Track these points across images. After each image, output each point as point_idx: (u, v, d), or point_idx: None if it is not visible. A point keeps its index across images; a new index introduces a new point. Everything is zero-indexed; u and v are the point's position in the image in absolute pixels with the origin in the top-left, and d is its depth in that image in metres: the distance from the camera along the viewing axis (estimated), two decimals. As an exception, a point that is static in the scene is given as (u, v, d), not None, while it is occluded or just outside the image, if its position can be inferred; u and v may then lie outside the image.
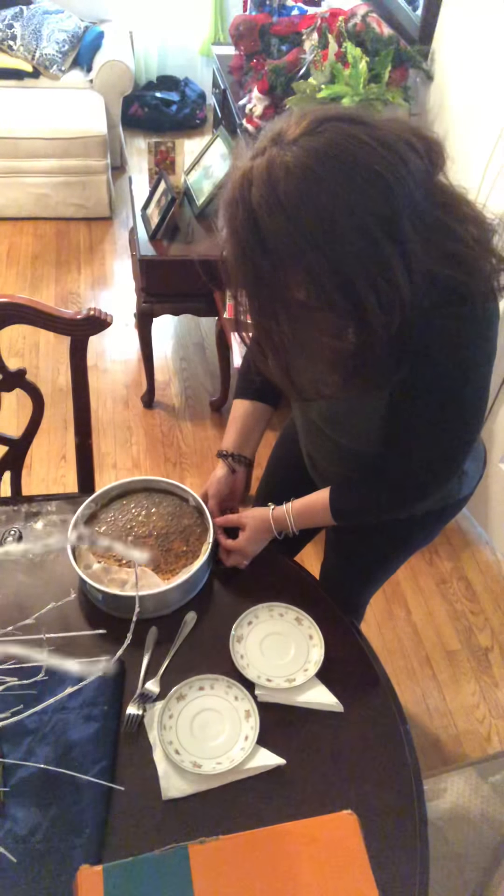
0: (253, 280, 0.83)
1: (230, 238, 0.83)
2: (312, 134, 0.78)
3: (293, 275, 0.80)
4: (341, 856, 0.83)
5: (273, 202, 0.76)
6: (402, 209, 0.79)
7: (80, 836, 0.89)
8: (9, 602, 1.14)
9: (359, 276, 0.79)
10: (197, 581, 1.16)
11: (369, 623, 2.10)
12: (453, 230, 0.86)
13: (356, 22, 2.20)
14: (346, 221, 0.77)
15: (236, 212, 0.80)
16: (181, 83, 4.63)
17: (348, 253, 0.78)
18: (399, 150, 0.79)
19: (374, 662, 1.11)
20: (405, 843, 0.91)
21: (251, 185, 0.78)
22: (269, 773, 0.97)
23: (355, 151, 0.77)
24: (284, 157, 0.77)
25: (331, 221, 0.76)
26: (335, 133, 0.78)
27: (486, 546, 2.37)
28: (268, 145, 0.79)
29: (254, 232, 0.79)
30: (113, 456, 2.54)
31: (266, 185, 0.77)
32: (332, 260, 0.78)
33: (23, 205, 3.66)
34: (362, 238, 0.77)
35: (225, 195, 0.83)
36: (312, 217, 0.76)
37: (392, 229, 0.79)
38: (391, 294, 0.81)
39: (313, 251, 0.77)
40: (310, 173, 0.76)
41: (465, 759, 1.80)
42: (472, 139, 2.00)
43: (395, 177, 0.78)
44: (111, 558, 1.14)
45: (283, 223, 0.77)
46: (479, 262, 0.87)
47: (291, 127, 0.79)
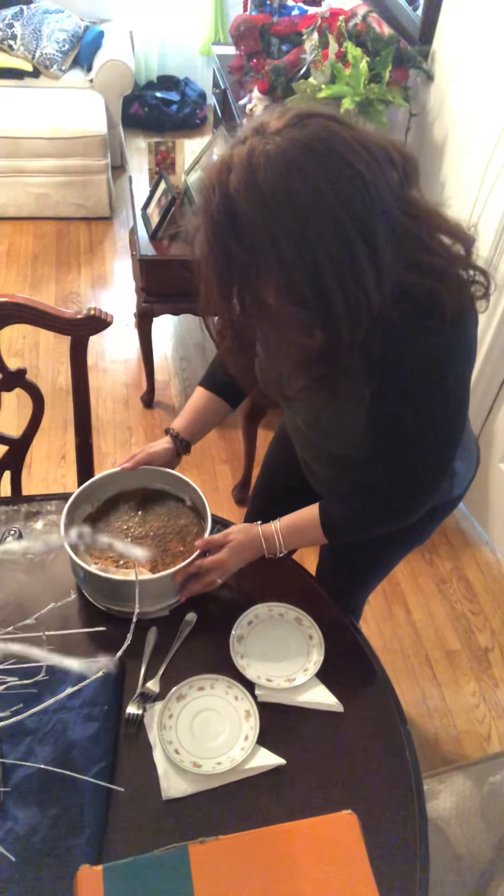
0: (223, 266, 0.82)
1: (204, 222, 0.82)
2: (296, 126, 0.78)
3: (264, 264, 0.79)
4: (341, 856, 0.83)
5: (251, 189, 0.76)
6: (377, 213, 0.79)
7: (80, 836, 0.89)
8: (9, 602, 1.14)
9: (329, 272, 0.79)
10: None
11: (369, 623, 2.10)
12: (423, 241, 0.86)
13: (356, 22, 2.20)
14: (323, 215, 0.76)
15: (212, 196, 0.79)
16: (181, 83, 4.63)
17: (321, 247, 0.77)
18: (378, 156, 0.80)
19: (374, 663, 1.11)
20: (405, 843, 0.91)
21: (230, 171, 0.78)
22: (269, 773, 0.97)
23: (337, 148, 0.77)
24: (266, 146, 0.76)
25: (307, 213, 0.76)
26: (319, 128, 0.78)
27: (486, 546, 2.37)
28: (249, 135, 0.79)
29: (229, 217, 0.78)
30: (113, 456, 2.54)
31: (245, 171, 0.76)
32: (304, 252, 0.77)
33: (23, 205, 3.66)
34: (336, 234, 0.77)
35: (202, 181, 0.82)
36: (290, 207, 0.76)
37: (365, 231, 0.79)
38: (359, 296, 0.81)
39: (287, 241, 0.77)
40: (291, 163, 0.76)
41: (465, 759, 1.80)
42: (472, 139, 2.00)
43: (372, 180, 0.78)
44: (108, 559, 1.14)
45: (259, 210, 0.76)
46: (449, 272, 0.87)
47: (274, 119, 0.79)
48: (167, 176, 2.47)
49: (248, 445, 2.30)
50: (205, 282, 0.87)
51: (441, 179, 2.18)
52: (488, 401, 2.22)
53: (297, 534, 1.13)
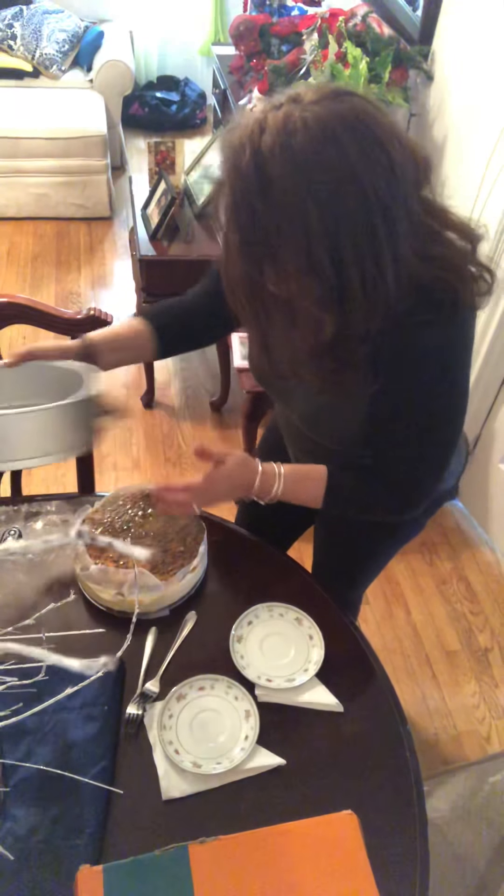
0: (248, 225, 0.81)
1: (231, 179, 0.81)
2: (335, 100, 0.78)
3: (288, 227, 0.79)
4: (341, 856, 0.83)
5: (285, 152, 0.76)
6: (399, 200, 0.80)
7: (80, 836, 0.89)
8: (9, 602, 1.14)
9: (349, 245, 0.79)
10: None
11: (369, 623, 2.10)
12: (439, 235, 0.88)
13: (356, 22, 2.20)
14: (351, 189, 0.77)
15: (242, 154, 0.78)
16: (181, 83, 4.63)
17: (345, 219, 0.78)
18: (406, 150, 0.81)
19: (374, 662, 1.11)
20: (405, 843, 0.91)
21: (263, 132, 0.77)
22: (269, 773, 0.97)
23: (373, 128, 0.78)
24: (304, 114, 0.76)
25: (337, 183, 0.76)
26: (358, 105, 0.79)
27: (486, 546, 2.37)
28: (285, 102, 0.79)
29: (259, 176, 0.78)
30: (113, 456, 2.54)
31: (280, 133, 0.76)
32: (329, 221, 0.77)
33: (23, 205, 3.66)
34: (361, 210, 0.78)
35: (230, 138, 0.81)
36: (322, 174, 0.76)
37: (387, 214, 0.79)
38: (376, 278, 0.81)
39: (315, 207, 0.77)
40: (328, 132, 0.76)
41: (465, 759, 1.80)
42: (472, 139, 2.00)
43: (400, 167, 0.79)
44: (109, 560, 1.14)
45: (292, 173, 0.76)
46: (462, 266, 0.88)
47: (311, 91, 0.79)
48: (167, 176, 2.47)
49: (248, 445, 2.30)
50: (228, 245, 0.86)
51: (441, 179, 2.18)
52: (488, 401, 2.22)
53: (298, 483, 1.08)
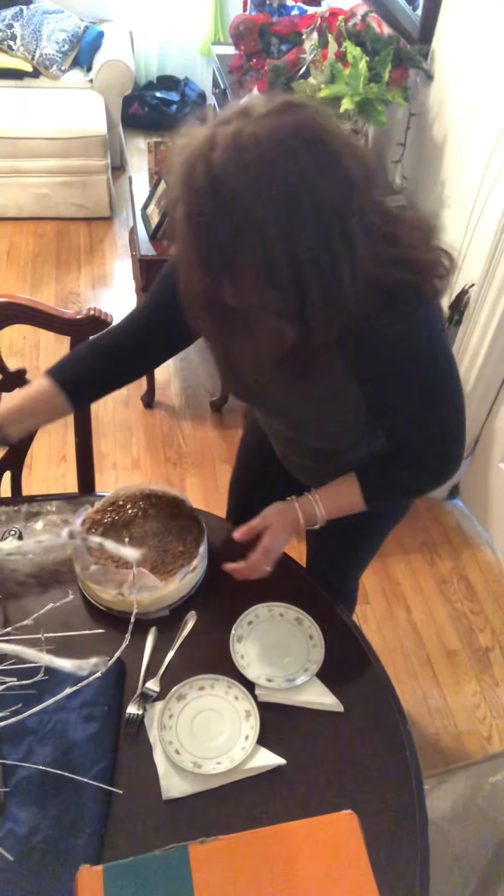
0: (205, 243, 0.81)
1: (185, 198, 0.80)
2: (285, 112, 0.78)
3: (246, 243, 0.78)
4: (341, 856, 0.83)
5: (238, 167, 0.75)
6: (355, 209, 0.80)
7: (80, 836, 0.89)
8: (8, 602, 1.14)
9: (308, 257, 0.79)
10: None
11: (369, 623, 2.10)
12: (394, 236, 0.88)
13: (356, 22, 2.20)
14: (307, 201, 0.77)
15: (195, 171, 0.78)
16: (181, 83, 4.63)
17: (303, 232, 0.78)
18: (356, 154, 0.81)
19: (375, 662, 1.10)
20: (405, 843, 0.91)
21: (215, 148, 0.77)
22: (269, 773, 0.97)
23: (324, 138, 0.78)
24: (255, 128, 0.76)
25: (293, 196, 0.76)
26: (306, 117, 0.78)
27: (487, 545, 2.37)
28: (235, 117, 0.78)
29: (214, 193, 0.77)
30: (113, 456, 2.54)
31: (232, 149, 0.76)
32: (287, 235, 0.77)
33: (23, 205, 3.66)
34: (317, 221, 0.78)
35: (182, 155, 0.80)
36: (277, 189, 0.76)
37: (344, 223, 0.79)
38: (334, 287, 0.82)
39: (272, 221, 0.77)
40: (280, 144, 0.76)
41: (465, 759, 1.80)
42: (472, 139, 2.00)
43: (353, 174, 0.80)
44: (109, 559, 1.14)
45: (245, 187, 0.76)
46: (421, 261, 0.90)
47: (261, 104, 0.79)
48: (167, 176, 2.46)
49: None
50: (185, 261, 0.86)
51: (441, 179, 2.18)
52: (488, 401, 2.22)
53: (335, 499, 1.12)
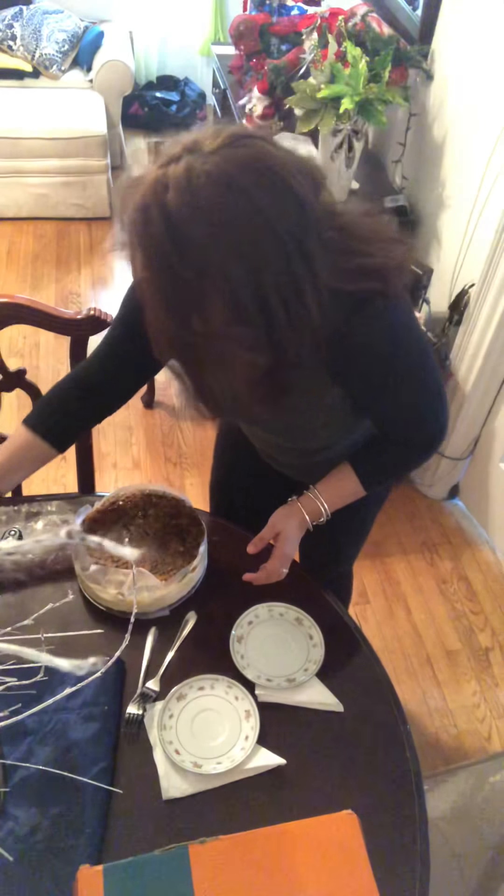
0: (167, 286, 0.81)
1: (143, 243, 0.80)
2: (232, 146, 0.77)
3: (211, 283, 0.78)
4: (341, 856, 0.83)
5: (194, 208, 0.75)
6: (311, 231, 0.81)
7: (80, 836, 0.89)
8: (8, 602, 1.14)
9: (273, 289, 0.79)
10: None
11: (369, 623, 2.10)
12: (354, 248, 0.89)
13: (356, 22, 2.20)
14: (266, 234, 0.77)
15: (150, 216, 0.77)
16: (181, 83, 4.62)
17: (265, 266, 0.78)
18: (306, 176, 0.82)
19: (374, 662, 1.10)
20: (405, 843, 0.91)
21: (167, 189, 0.76)
22: (269, 773, 0.97)
23: (275, 169, 0.78)
24: (204, 166, 0.75)
25: (251, 232, 0.76)
26: (256, 149, 0.78)
27: (487, 545, 2.37)
28: (183, 153, 0.78)
29: (172, 238, 0.77)
30: (113, 456, 2.54)
31: (185, 191, 0.75)
32: (251, 271, 0.78)
33: (23, 205, 3.66)
34: (278, 253, 0.78)
35: (134, 200, 0.79)
36: (235, 226, 0.76)
37: (303, 249, 0.80)
38: (300, 312, 0.83)
39: (234, 261, 0.77)
40: (233, 182, 0.75)
41: (465, 759, 1.80)
42: (472, 139, 2.00)
43: (306, 199, 0.80)
44: (108, 559, 1.14)
45: (205, 230, 0.76)
46: (384, 265, 0.90)
47: (208, 138, 0.78)
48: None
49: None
50: (150, 305, 0.86)
51: (441, 179, 2.18)
52: (488, 401, 2.22)
53: (335, 490, 1.15)
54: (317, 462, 1.21)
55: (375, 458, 1.15)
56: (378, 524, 2.40)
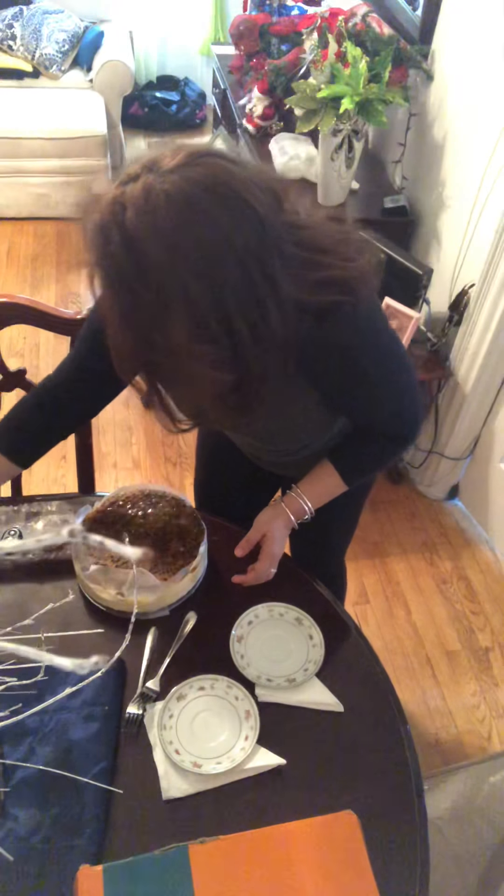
0: (129, 307, 0.80)
1: (103, 264, 0.80)
2: (191, 165, 0.77)
3: (172, 303, 0.78)
4: (341, 856, 0.83)
5: (153, 228, 0.75)
6: (272, 248, 0.81)
7: (80, 836, 0.89)
8: (8, 602, 1.14)
9: (235, 307, 0.80)
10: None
11: (369, 623, 2.10)
12: (318, 261, 0.89)
13: (356, 22, 2.20)
14: (226, 253, 0.77)
15: (110, 237, 0.77)
16: (181, 83, 4.62)
17: (226, 285, 0.78)
18: (266, 192, 0.82)
19: (374, 662, 1.11)
20: (405, 843, 0.91)
21: (125, 209, 0.76)
22: (269, 773, 0.97)
23: (234, 187, 0.78)
24: (163, 185, 0.75)
25: (211, 252, 0.76)
26: (214, 167, 0.78)
27: (486, 546, 2.37)
28: (141, 172, 0.77)
29: (131, 257, 0.76)
30: (113, 456, 2.54)
31: (144, 211, 0.75)
32: (212, 291, 0.78)
33: (23, 205, 3.66)
34: (240, 272, 0.78)
35: (93, 219, 0.79)
36: (194, 246, 0.76)
37: (264, 267, 0.80)
38: (264, 330, 0.83)
39: (195, 281, 0.77)
40: (191, 202, 0.75)
41: (465, 759, 1.80)
42: (472, 139, 2.00)
43: (266, 216, 0.80)
44: (109, 559, 1.14)
45: (164, 250, 0.75)
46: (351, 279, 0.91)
47: (167, 157, 0.78)
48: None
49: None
50: (111, 324, 0.86)
51: (441, 179, 2.18)
52: (488, 401, 2.22)
53: (316, 488, 1.18)
54: (300, 459, 1.23)
55: (354, 453, 1.17)
56: (378, 524, 2.41)
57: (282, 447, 1.23)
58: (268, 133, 2.69)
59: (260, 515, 1.20)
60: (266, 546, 1.16)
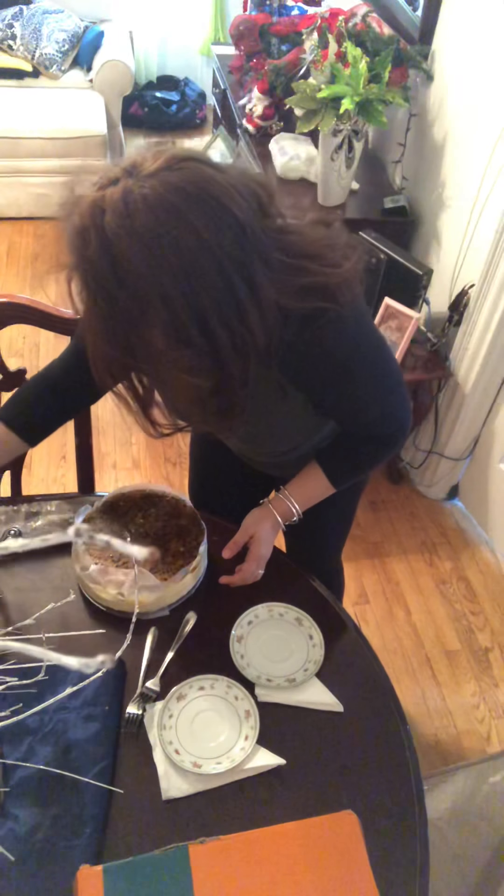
0: (108, 311, 0.80)
1: (81, 266, 0.80)
2: (171, 170, 0.77)
3: (150, 307, 0.78)
4: (341, 856, 0.83)
5: (131, 233, 0.75)
6: (253, 254, 0.80)
7: (80, 836, 0.89)
8: (9, 602, 1.14)
9: (214, 313, 0.79)
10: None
11: (369, 623, 2.10)
12: (300, 267, 0.88)
13: (356, 22, 2.20)
14: (204, 259, 0.77)
15: (88, 240, 0.77)
16: (181, 83, 4.63)
17: (205, 290, 0.78)
18: (247, 198, 0.81)
19: (374, 662, 1.11)
20: (405, 843, 0.91)
21: (104, 213, 0.76)
22: (269, 773, 0.97)
23: (213, 192, 0.77)
24: (142, 189, 0.75)
25: (189, 257, 0.76)
26: (194, 172, 0.78)
27: (486, 546, 2.37)
28: (121, 176, 0.77)
29: (109, 262, 0.76)
30: (113, 456, 2.54)
31: (123, 215, 0.75)
32: (189, 295, 0.77)
33: (23, 205, 3.66)
34: (218, 277, 0.78)
35: (73, 223, 0.79)
36: (172, 251, 0.75)
37: (244, 272, 0.80)
38: (244, 335, 0.82)
39: (171, 284, 0.76)
40: (170, 207, 0.75)
41: (465, 759, 1.80)
42: (472, 139, 2.00)
43: (246, 222, 0.79)
44: (108, 559, 1.14)
45: (141, 254, 0.75)
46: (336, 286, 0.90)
47: (148, 161, 0.78)
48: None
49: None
50: (89, 328, 0.85)
51: (441, 179, 2.18)
52: (488, 401, 2.22)
53: (304, 489, 1.18)
54: (291, 460, 1.23)
55: (342, 455, 1.17)
56: (378, 524, 2.41)
57: (271, 449, 1.23)
58: (268, 133, 2.69)
59: (247, 517, 1.20)
60: (253, 548, 1.17)
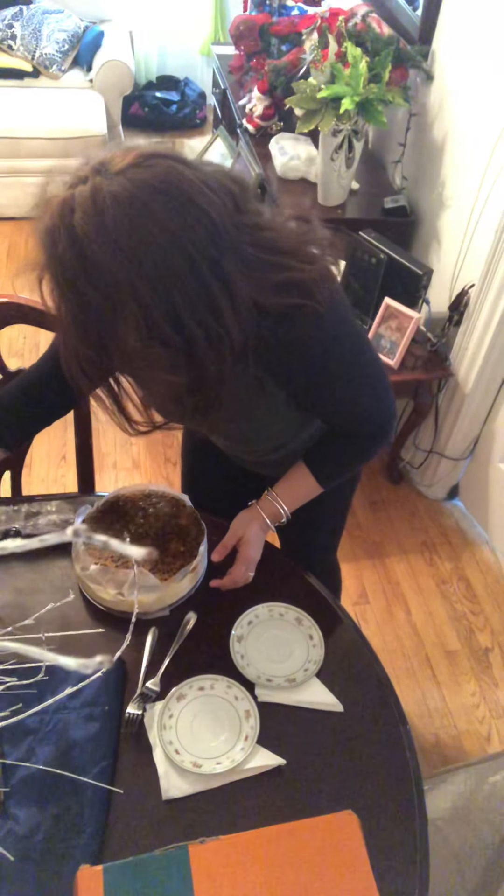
0: (79, 311, 0.80)
1: (52, 266, 0.79)
2: (140, 167, 0.76)
3: (121, 306, 0.78)
4: (341, 856, 0.83)
5: (101, 231, 0.74)
6: (226, 250, 0.80)
7: (80, 836, 0.89)
8: (9, 602, 1.14)
9: (187, 311, 0.79)
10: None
11: (369, 623, 2.10)
12: (276, 263, 0.88)
13: (356, 22, 2.20)
14: (176, 256, 0.76)
15: (57, 239, 0.76)
16: (181, 83, 4.62)
17: (177, 287, 0.77)
18: (220, 193, 0.81)
19: (374, 662, 1.11)
20: (405, 843, 0.91)
21: (73, 212, 0.75)
22: (269, 773, 0.97)
23: (184, 189, 0.77)
24: (111, 187, 0.75)
25: (160, 255, 0.76)
26: (164, 168, 0.77)
27: (486, 546, 2.37)
28: (90, 174, 0.77)
29: (79, 260, 0.76)
30: (113, 456, 2.54)
31: (92, 213, 0.74)
32: (161, 293, 0.77)
33: (23, 205, 3.66)
34: (190, 274, 0.78)
35: (43, 222, 0.79)
36: (142, 249, 0.75)
37: (217, 269, 0.79)
38: (219, 332, 0.82)
39: (143, 282, 0.76)
40: (139, 204, 0.75)
41: (465, 759, 1.80)
42: (472, 139, 2.00)
43: (218, 218, 0.79)
44: (109, 559, 1.14)
45: (111, 253, 0.75)
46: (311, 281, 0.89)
47: (117, 158, 0.78)
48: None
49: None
50: (61, 328, 0.85)
51: (441, 179, 2.18)
52: (488, 401, 2.22)
53: (292, 490, 1.18)
54: (279, 458, 1.23)
55: (328, 454, 1.16)
56: (378, 524, 2.41)
57: (257, 447, 1.23)
58: (268, 133, 2.69)
59: (235, 520, 1.20)
60: (242, 550, 1.16)
